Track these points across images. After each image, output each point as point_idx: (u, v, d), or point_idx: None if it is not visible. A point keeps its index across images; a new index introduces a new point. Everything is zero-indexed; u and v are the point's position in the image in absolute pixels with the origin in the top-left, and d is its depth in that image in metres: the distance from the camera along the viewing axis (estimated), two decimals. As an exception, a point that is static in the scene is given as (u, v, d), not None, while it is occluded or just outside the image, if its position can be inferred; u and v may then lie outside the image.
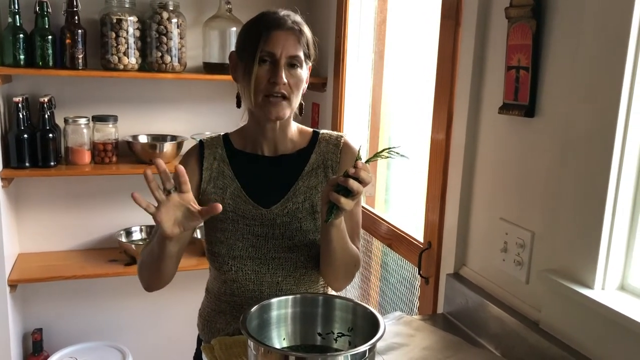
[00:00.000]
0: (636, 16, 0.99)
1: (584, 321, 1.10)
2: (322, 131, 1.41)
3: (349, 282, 1.40)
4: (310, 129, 1.42)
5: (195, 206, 1.16)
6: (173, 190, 1.14)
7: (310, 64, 1.33)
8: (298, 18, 1.30)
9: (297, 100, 1.29)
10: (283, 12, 1.29)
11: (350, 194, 1.11)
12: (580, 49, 1.10)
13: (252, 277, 1.32)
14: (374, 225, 2.06)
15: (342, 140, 1.38)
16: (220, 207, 1.15)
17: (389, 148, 1.14)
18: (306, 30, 1.30)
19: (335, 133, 1.41)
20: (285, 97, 1.25)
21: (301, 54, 1.27)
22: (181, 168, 1.15)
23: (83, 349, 2.49)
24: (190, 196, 1.16)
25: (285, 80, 1.24)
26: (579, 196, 1.11)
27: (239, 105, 1.36)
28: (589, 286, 1.09)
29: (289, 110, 1.28)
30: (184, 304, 2.37)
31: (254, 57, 1.24)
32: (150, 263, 1.29)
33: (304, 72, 1.30)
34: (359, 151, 1.23)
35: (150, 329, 2.75)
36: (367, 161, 1.15)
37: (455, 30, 1.50)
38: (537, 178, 1.24)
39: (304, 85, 1.31)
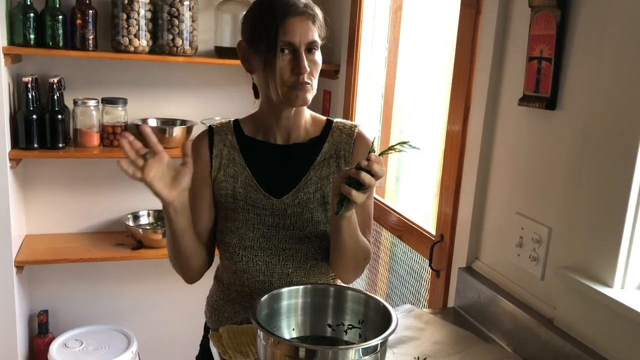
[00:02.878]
0: (668, 7, 0.96)
1: (602, 320, 1.08)
2: (336, 120, 1.38)
3: (359, 275, 1.38)
4: (324, 118, 1.39)
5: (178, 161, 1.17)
6: (149, 156, 1.14)
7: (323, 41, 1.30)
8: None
9: (316, 83, 1.27)
10: None
11: (361, 187, 1.08)
12: (607, 40, 1.06)
13: (263, 268, 1.30)
14: (384, 215, 2.04)
15: (356, 130, 1.35)
16: (187, 144, 1.17)
17: (403, 142, 1.11)
18: (318, 11, 1.27)
19: (349, 122, 1.38)
20: (308, 84, 1.23)
21: (318, 39, 1.25)
22: (146, 128, 1.16)
23: (88, 332, 2.49)
24: (165, 154, 1.16)
25: (308, 69, 1.21)
26: (599, 192, 1.08)
27: (257, 96, 1.34)
28: (608, 284, 1.06)
29: (312, 95, 1.26)
30: (191, 291, 2.34)
31: (274, 49, 1.20)
32: (173, 250, 1.30)
33: (320, 54, 1.27)
34: (372, 143, 1.20)
35: (156, 314, 2.75)
36: (380, 154, 1.11)
37: (476, 18, 1.46)
38: (556, 172, 1.21)
39: None
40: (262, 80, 1.25)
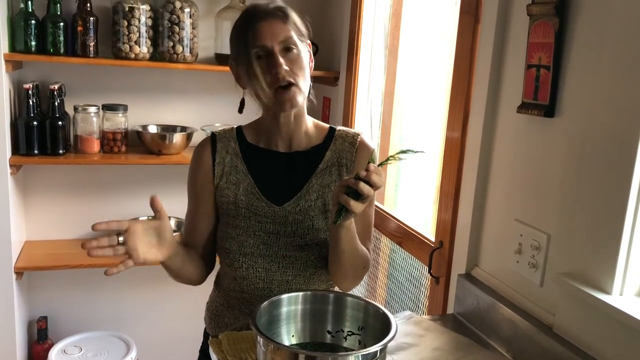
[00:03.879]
0: (665, 16, 0.96)
1: (600, 327, 1.08)
2: (338, 128, 1.38)
3: (358, 283, 1.38)
4: (327, 125, 1.39)
5: (149, 219, 1.20)
6: (122, 237, 1.15)
7: (308, 42, 1.30)
8: (279, 2, 1.28)
9: (305, 84, 1.26)
10: (263, 2, 1.26)
11: (360, 197, 1.08)
12: (605, 48, 1.07)
13: (263, 275, 1.30)
14: (383, 222, 2.04)
15: (359, 139, 1.35)
16: (155, 198, 1.18)
17: (403, 151, 1.11)
18: (290, 12, 1.27)
19: (352, 131, 1.38)
20: (293, 84, 1.23)
21: (292, 34, 1.24)
22: (99, 226, 1.13)
23: (87, 338, 2.48)
24: (135, 223, 1.17)
25: (286, 67, 1.21)
26: (598, 199, 1.09)
27: (240, 111, 1.35)
28: (607, 291, 1.07)
29: (301, 96, 1.25)
30: (191, 297, 2.36)
31: (250, 55, 1.22)
32: (173, 277, 1.34)
33: (304, 52, 1.26)
34: (372, 153, 1.20)
35: (155, 320, 2.74)
36: (380, 164, 1.12)
37: (474, 26, 1.47)
38: (555, 179, 1.21)
39: (310, 64, 1.29)
40: (253, 92, 1.27)
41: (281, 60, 1.21)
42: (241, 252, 1.30)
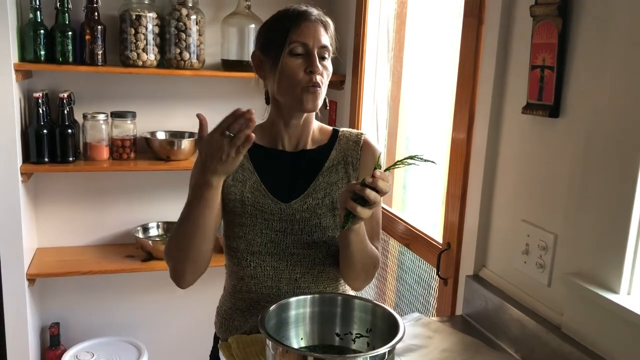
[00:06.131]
0: (668, 15, 0.97)
1: (608, 326, 1.08)
2: (342, 129, 1.40)
3: (369, 282, 1.39)
4: (330, 127, 1.41)
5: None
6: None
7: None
8: (321, 11, 1.31)
9: (325, 91, 1.29)
10: (305, 7, 1.29)
11: (367, 203, 1.10)
12: (608, 48, 1.08)
13: (271, 274, 1.31)
14: (391, 224, 2.05)
15: (363, 138, 1.37)
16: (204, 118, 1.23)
17: (412, 156, 1.12)
18: (330, 22, 1.31)
19: (355, 131, 1.40)
20: (319, 87, 1.26)
21: (329, 46, 1.28)
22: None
23: (99, 344, 2.51)
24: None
25: (321, 70, 1.25)
26: (604, 198, 1.09)
27: (268, 102, 1.36)
28: (614, 291, 1.07)
29: (321, 101, 1.29)
30: (201, 302, 2.38)
31: (284, 48, 1.24)
32: (185, 231, 1.23)
33: (330, 65, 1.30)
34: (378, 159, 1.20)
35: (166, 325, 2.76)
36: (387, 169, 1.13)
37: (478, 28, 1.47)
38: (561, 179, 1.22)
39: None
40: (275, 84, 1.27)
41: (318, 63, 1.24)
42: (249, 250, 1.31)
